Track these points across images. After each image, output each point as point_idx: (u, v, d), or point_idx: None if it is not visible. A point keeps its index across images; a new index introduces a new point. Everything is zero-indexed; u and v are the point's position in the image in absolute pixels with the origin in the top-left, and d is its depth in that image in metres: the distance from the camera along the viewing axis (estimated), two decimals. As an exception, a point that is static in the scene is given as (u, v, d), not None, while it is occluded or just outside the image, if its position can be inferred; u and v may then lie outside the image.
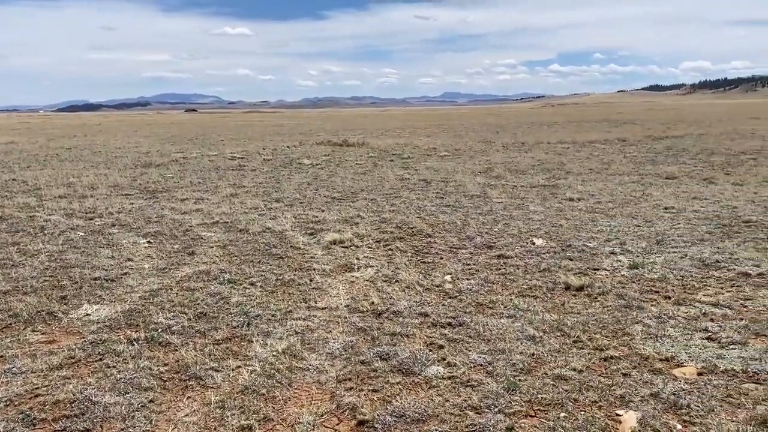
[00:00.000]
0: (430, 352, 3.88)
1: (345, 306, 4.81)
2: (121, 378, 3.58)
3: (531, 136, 25.99)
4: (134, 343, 4.11)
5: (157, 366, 3.75)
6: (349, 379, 3.56)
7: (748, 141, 19.79)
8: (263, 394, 3.40)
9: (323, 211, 8.91)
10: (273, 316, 4.61)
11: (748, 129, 26.24)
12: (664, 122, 35.25)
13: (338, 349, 3.98)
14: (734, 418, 3.03)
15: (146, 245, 6.94)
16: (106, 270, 5.90)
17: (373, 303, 4.82)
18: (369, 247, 6.71)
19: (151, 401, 3.33)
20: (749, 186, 10.44)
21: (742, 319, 4.35)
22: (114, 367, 3.75)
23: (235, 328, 4.39)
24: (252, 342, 4.11)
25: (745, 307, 4.63)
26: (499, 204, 9.27)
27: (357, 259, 6.20)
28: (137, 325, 4.45)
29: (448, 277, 5.56)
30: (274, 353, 3.90)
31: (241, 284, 5.43)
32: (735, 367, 3.58)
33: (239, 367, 3.74)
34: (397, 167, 14.68)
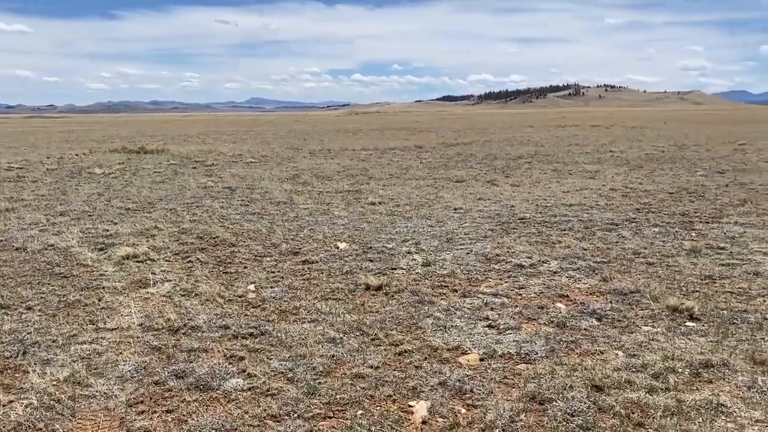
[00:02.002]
0: (230, 365, 3.80)
1: (138, 325, 4.52)
2: None
3: (337, 142, 26.62)
4: None
5: None
6: (141, 402, 3.36)
7: (524, 146, 22.18)
8: (40, 429, 3.07)
9: (116, 223, 8.30)
10: (54, 341, 4.19)
11: (525, 136, 29.41)
12: (456, 130, 38.20)
13: (129, 371, 3.73)
14: (509, 397, 3.37)
15: None
16: None
17: (169, 319, 4.59)
18: (167, 260, 6.38)
19: None
20: (524, 186, 11.70)
21: (516, 307, 4.86)
22: None
23: (7, 359, 3.91)
24: (28, 372, 3.69)
25: (520, 295, 5.17)
26: (305, 210, 9.35)
27: (153, 273, 5.86)
28: None
29: (251, 287, 5.48)
30: (55, 382, 3.54)
31: (15, 309, 4.86)
32: (510, 351, 3.99)
33: (12, 402, 3.34)
34: (200, 175, 14.16)
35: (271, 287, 5.46)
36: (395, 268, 6.02)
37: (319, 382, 3.55)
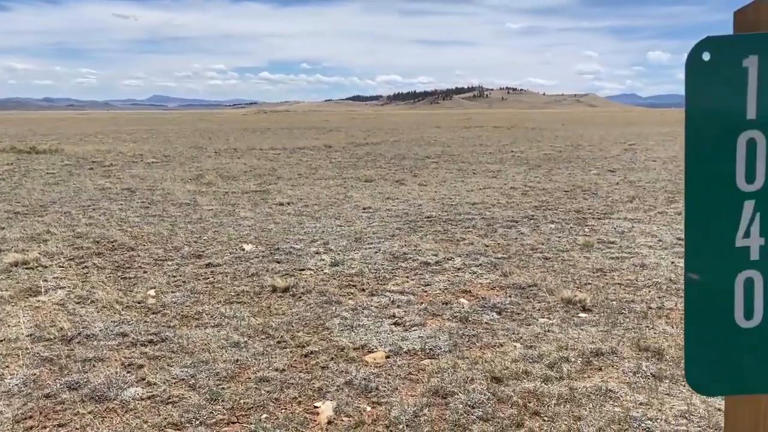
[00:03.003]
0: (128, 374, 3.65)
1: (27, 336, 4.25)
2: None
3: (244, 142, 26.09)
4: None
5: None
6: (30, 417, 3.16)
7: (431, 147, 22.64)
8: None
9: (2, 228, 7.76)
10: (-71, 358, 3.87)
11: (432, 136, 30.00)
12: (365, 130, 38.42)
13: (17, 385, 3.50)
14: (413, 393, 3.44)
15: None
16: None
17: (62, 329, 4.35)
18: (60, 267, 6.04)
19: None
20: (431, 186, 11.95)
21: (422, 303, 4.96)
22: None
23: None
24: None
25: (425, 292, 5.29)
26: (209, 211, 9.12)
27: (44, 281, 5.53)
28: None
29: (151, 292, 5.29)
30: (-70, 402, 3.27)
31: None
32: (415, 347, 4.07)
33: None
34: (98, 176, 13.47)
35: (173, 292, 5.29)
36: (303, 269, 5.99)
37: (223, 388, 3.48)
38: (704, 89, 0.96)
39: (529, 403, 3.27)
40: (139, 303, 4.99)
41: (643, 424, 3.06)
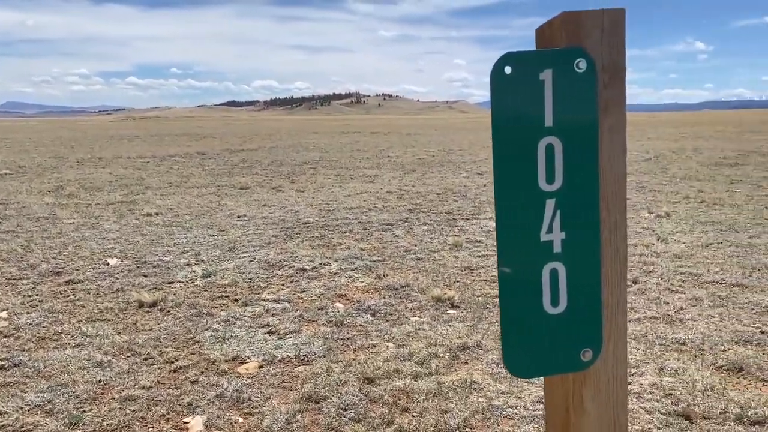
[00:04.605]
0: (-27, 405, 3.35)
1: None
2: None
3: (110, 150, 24.66)
4: None
5: None
6: None
7: (309, 152, 22.61)
8: None
9: None
10: None
11: (310, 142, 29.95)
12: (241, 136, 37.63)
13: None
14: (286, 401, 3.43)
15: None
16: None
17: None
18: None
19: None
20: (309, 191, 11.94)
21: (297, 310, 4.96)
22: None
23: None
24: None
25: (301, 298, 5.28)
26: (70, 225, 8.54)
27: None
28: None
29: (3, 314, 4.88)
30: None
31: None
32: (290, 355, 4.06)
33: None
34: (-63, 190, 12.19)
35: (28, 313, 4.91)
36: (172, 282, 5.77)
37: (84, 411, 3.29)
38: (507, 100, 1.06)
39: (400, 400, 3.37)
40: (-14, 327, 4.58)
41: (504, 412, 3.26)
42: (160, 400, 3.42)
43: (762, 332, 4.27)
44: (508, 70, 1.05)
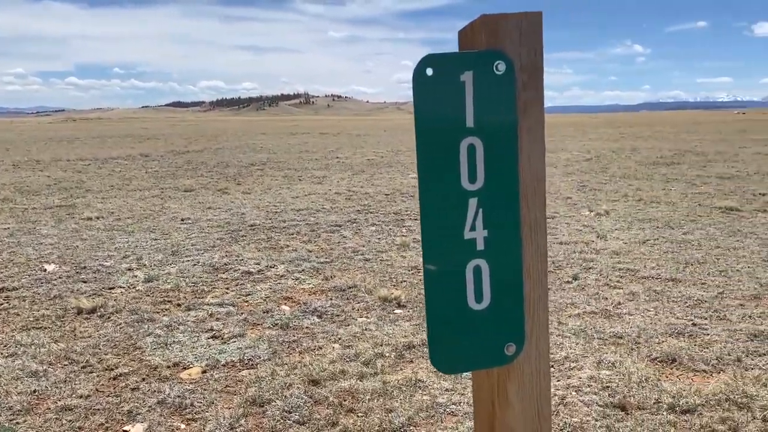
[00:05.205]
0: None
1: None
2: None
3: (48, 152, 23.79)
4: None
5: None
6: None
7: (257, 154, 22.35)
8: None
9: None
10: None
11: (258, 143, 29.60)
12: (186, 137, 36.88)
13: None
14: (230, 405, 3.39)
15: None
16: None
17: None
18: None
19: None
20: (256, 193, 11.81)
21: (242, 314, 4.90)
22: None
23: None
24: None
25: (246, 302, 5.22)
26: (5, 230, 8.21)
27: None
28: None
29: (-71, 325, 4.65)
30: None
31: None
32: (234, 359, 4.01)
33: None
34: None
35: (-43, 323, 4.70)
36: (113, 288, 5.62)
37: (17, 423, 3.17)
38: (429, 101, 1.09)
39: (345, 401, 3.37)
40: None
41: (448, 409, 3.30)
42: (98, 409, 3.32)
43: (694, 324, 4.46)
44: (429, 71, 1.07)
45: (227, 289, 5.59)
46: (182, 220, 8.97)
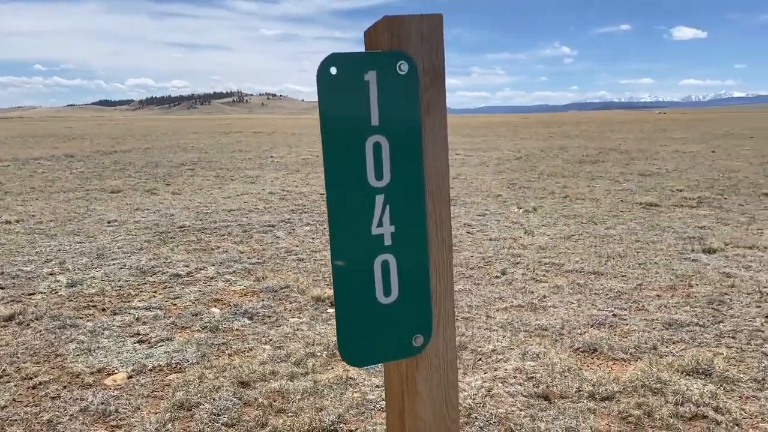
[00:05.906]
0: None
1: None
2: None
3: (-39, 153, 22.50)
4: None
5: None
6: None
7: (188, 153, 21.83)
8: None
9: None
10: None
11: (189, 142, 28.90)
12: (114, 137, 35.63)
13: None
14: (157, 410, 3.31)
15: None
16: None
17: None
18: None
19: None
20: (186, 194, 11.55)
21: (170, 317, 4.79)
22: None
23: None
24: None
25: (174, 305, 5.11)
26: None
27: None
28: None
29: None
30: None
31: None
32: (161, 363, 3.92)
33: None
34: None
35: None
36: (33, 293, 5.39)
37: (-76, 439, 3.01)
38: (334, 100, 1.11)
39: (275, 402, 3.35)
40: None
41: (378, 405, 3.33)
42: (15, 420, 3.19)
43: (614, 315, 4.67)
44: (333, 70, 1.09)
45: (155, 292, 5.46)
46: (108, 222, 8.67)
